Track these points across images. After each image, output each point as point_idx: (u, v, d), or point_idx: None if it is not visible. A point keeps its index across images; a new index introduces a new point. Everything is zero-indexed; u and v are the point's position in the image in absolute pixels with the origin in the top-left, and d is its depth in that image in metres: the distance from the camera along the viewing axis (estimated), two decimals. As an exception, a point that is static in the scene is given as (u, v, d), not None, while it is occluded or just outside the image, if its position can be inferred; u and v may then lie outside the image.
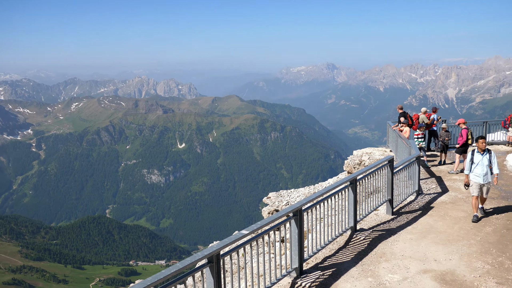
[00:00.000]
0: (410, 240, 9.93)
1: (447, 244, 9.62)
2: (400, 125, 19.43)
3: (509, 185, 14.79)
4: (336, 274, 8.25)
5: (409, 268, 8.51)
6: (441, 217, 11.47)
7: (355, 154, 21.32)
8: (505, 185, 14.73)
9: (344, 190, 9.60)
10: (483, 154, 11.13)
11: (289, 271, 7.93)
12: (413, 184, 13.58)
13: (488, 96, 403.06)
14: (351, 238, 9.96)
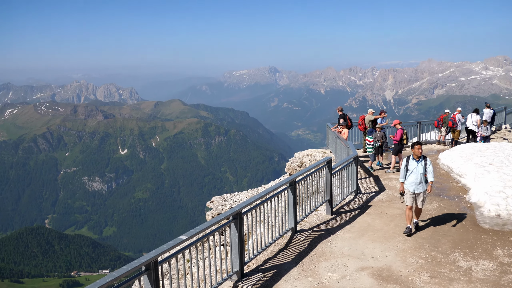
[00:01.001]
0: (349, 238, 10.18)
1: (383, 241, 9.94)
2: (339, 126, 19.85)
3: (441, 182, 15.44)
4: (277, 276, 8.34)
5: (347, 266, 8.73)
6: (378, 215, 11.83)
7: (296, 156, 21.61)
8: (437, 182, 15.35)
9: (283, 192, 9.72)
10: (418, 161, 10.39)
11: (230, 275, 7.94)
12: (351, 184, 13.90)
13: (423, 97, 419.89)
14: (292, 239, 10.10)
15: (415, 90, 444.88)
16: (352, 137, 21.78)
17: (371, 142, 17.74)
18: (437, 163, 18.30)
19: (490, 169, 14.71)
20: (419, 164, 10.40)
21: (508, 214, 11.28)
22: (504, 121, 30.19)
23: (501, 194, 12.38)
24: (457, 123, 22.20)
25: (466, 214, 11.82)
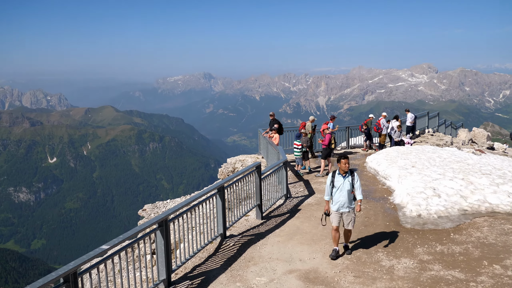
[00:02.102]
0: (278, 242, 10.31)
1: (311, 244, 10.14)
2: (270, 132, 20.09)
3: (368, 184, 15.97)
4: (205, 282, 8.31)
5: (276, 269, 8.83)
6: (307, 219, 12.05)
7: (228, 161, 21.66)
8: (364, 185, 15.85)
9: (212, 197, 9.72)
10: (345, 176, 9.24)
11: (157, 284, 7.82)
12: (282, 188, 14.10)
13: (354, 103, 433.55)
14: (221, 245, 10.09)
15: (347, 96, 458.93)
16: (284, 142, 22.11)
17: (298, 146, 18.08)
18: (364, 166, 18.93)
19: (412, 171, 15.38)
20: (346, 180, 9.22)
21: (428, 213, 11.84)
22: (427, 125, 31.68)
23: (422, 194, 12.97)
24: (381, 128, 23.05)
25: (390, 214, 12.29)
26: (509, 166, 18.17)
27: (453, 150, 21.21)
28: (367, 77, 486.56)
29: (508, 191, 13.24)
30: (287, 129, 22.57)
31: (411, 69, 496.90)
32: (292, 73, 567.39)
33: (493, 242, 9.83)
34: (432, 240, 10.13)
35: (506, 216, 11.62)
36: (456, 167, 16.34)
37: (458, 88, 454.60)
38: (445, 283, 7.97)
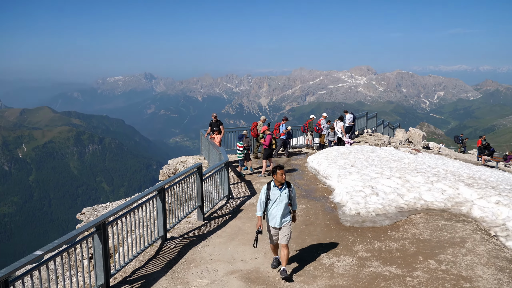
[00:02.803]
0: (220, 243, 10.23)
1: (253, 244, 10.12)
2: (212, 133, 19.98)
3: (309, 184, 16.18)
4: (145, 286, 8.12)
5: (217, 271, 8.75)
6: (248, 219, 12.05)
7: (170, 163, 21.36)
8: (305, 185, 16.08)
9: (152, 199, 9.52)
10: (281, 188, 8.39)
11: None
12: (223, 189, 14.05)
13: (296, 104, 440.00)
14: (162, 247, 9.91)
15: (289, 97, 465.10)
16: (226, 143, 22.09)
17: (240, 147, 18.07)
18: (305, 166, 19.18)
19: (352, 171, 15.72)
20: (282, 192, 8.37)
21: (367, 211, 12.12)
22: (366, 126, 32.52)
23: (361, 193, 13.27)
24: (322, 128, 23.45)
25: (330, 213, 12.48)
26: (443, 164, 18.94)
27: (391, 149, 21.88)
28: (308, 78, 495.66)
29: (442, 189, 13.78)
30: (230, 130, 22.53)
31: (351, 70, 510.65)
32: (234, 74, 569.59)
33: (428, 238, 10.17)
34: (370, 238, 10.37)
35: (440, 213, 12.07)
36: (393, 166, 16.86)
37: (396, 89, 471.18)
38: (382, 279, 8.16)
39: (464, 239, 9.98)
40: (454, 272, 8.35)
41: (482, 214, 11.85)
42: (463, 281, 7.98)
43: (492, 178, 16.47)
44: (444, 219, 11.43)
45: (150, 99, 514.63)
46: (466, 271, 8.38)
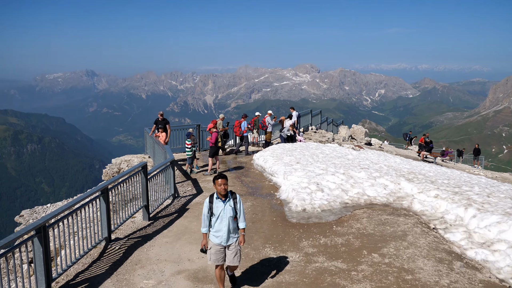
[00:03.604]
0: (166, 243, 10.09)
1: (200, 243, 10.02)
2: (157, 131, 19.69)
3: (255, 181, 16.24)
4: (89, 289, 7.89)
5: (164, 271, 8.62)
6: (195, 218, 11.94)
7: (113, 162, 20.88)
8: (251, 182, 16.12)
9: (95, 200, 9.26)
10: (225, 200, 7.38)
11: (34, 294, 7.27)
12: (169, 188, 13.86)
13: (241, 101, 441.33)
14: (106, 249, 9.65)
15: (234, 95, 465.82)
16: (173, 141, 21.86)
17: (189, 145, 17.89)
18: (252, 163, 19.23)
19: (297, 167, 15.89)
20: (226, 205, 7.37)
21: (312, 208, 12.28)
22: (310, 123, 32.99)
23: (307, 190, 13.44)
24: (267, 126, 23.60)
25: (276, 210, 12.56)
26: (385, 160, 19.49)
27: (335, 146, 22.31)
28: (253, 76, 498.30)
29: (384, 184, 14.17)
30: (176, 128, 22.27)
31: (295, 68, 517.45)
32: (179, 72, 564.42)
33: (372, 232, 10.43)
34: (316, 233, 10.52)
35: (383, 207, 12.40)
36: (338, 162, 17.18)
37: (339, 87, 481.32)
38: (328, 274, 8.29)
39: (405, 232, 10.30)
40: (397, 264, 8.60)
41: (422, 208, 12.27)
42: (405, 273, 8.22)
43: (431, 173, 17.11)
44: (387, 214, 11.75)
45: (92, 96, 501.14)
46: (408, 263, 8.64)
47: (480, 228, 10.17)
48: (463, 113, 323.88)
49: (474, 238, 9.93)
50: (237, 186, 15.53)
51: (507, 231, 9.59)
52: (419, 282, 7.86)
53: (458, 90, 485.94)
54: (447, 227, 10.85)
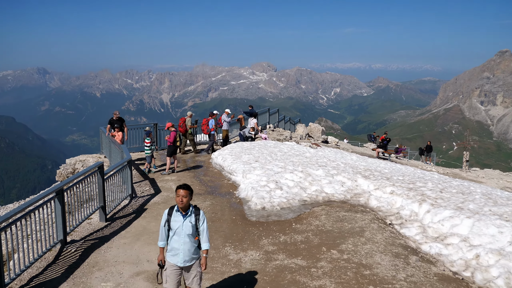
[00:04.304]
0: (124, 244, 9.91)
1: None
2: (113, 130, 19.33)
3: (214, 180, 16.17)
4: (44, 294, 7.66)
5: (122, 273, 8.46)
6: (153, 218, 11.79)
7: (68, 162, 20.36)
8: (210, 181, 16.05)
9: (50, 201, 8.99)
10: (186, 215, 6.38)
11: (-14, 301, 7.00)
12: (127, 188, 13.63)
13: (198, 100, 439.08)
14: (62, 252, 9.39)
15: (191, 93, 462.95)
16: (129, 141, 21.52)
17: (148, 144, 17.65)
18: (210, 162, 19.15)
19: (256, 166, 15.92)
20: (186, 221, 6.37)
21: (271, 206, 12.33)
22: (268, 121, 33.13)
23: (266, 188, 13.49)
24: (222, 124, 23.53)
25: (236, 209, 12.55)
26: (342, 158, 19.78)
27: (292, 144, 22.48)
28: (210, 75, 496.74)
29: (341, 181, 14.39)
30: (132, 127, 21.90)
31: (252, 67, 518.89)
32: (134, 70, 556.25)
33: (330, 229, 10.57)
34: (276, 231, 10.57)
35: (341, 204, 12.59)
36: (296, 161, 17.33)
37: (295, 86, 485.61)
38: (289, 271, 8.35)
39: (363, 228, 10.49)
40: (355, 260, 8.75)
41: (379, 204, 12.54)
42: (364, 268, 8.38)
43: (386, 170, 17.50)
44: (345, 210, 11.93)
45: (44, 95, 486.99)
46: (366, 259, 8.81)
47: (434, 223, 10.48)
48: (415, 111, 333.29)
49: (429, 233, 10.22)
50: (195, 185, 15.43)
51: (459, 225, 9.91)
52: (377, 277, 8.03)
53: (410, 89, 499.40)
54: (403, 222, 11.13)
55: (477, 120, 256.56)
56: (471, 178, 26.06)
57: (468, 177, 27.12)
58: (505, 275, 7.95)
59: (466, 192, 13.52)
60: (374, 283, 7.79)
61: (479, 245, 9.03)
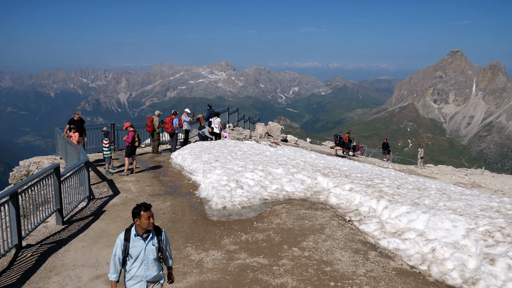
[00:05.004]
0: (82, 247, 9.69)
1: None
2: (69, 131, 18.88)
3: (174, 181, 16.03)
4: (-1, 300, 7.41)
5: (81, 277, 8.28)
6: (112, 220, 11.58)
7: (21, 164, 19.72)
8: (170, 181, 15.90)
9: (3, 205, 8.70)
10: (147, 238, 5.63)
11: None
12: (84, 190, 13.33)
13: (156, 99, 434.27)
14: (17, 257, 9.09)
15: (149, 93, 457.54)
16: (90, 141, 21.09)
17: (106, 144, 17.30)
18: (170, 162, 18.97)
19: (216, 165, 15.88)
20: (149, 244, 5.63)
21: (232, 205, 12.32)
22: (227, 121, 33.07)
23: (226, 187, 13.47)
24: (182, 124, 23.32)
25: (197, 209, 12.48)
26: (301, 156, 19.96)
27: (252, 143, 22.54)
28: (168, 74, 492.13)
29: (301, 179, 14.53)
30: (88, 128, 21.42)
31: (211, 66, 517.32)
32: (90, 69, 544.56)
33: (291, 227, 10.65)
34: (237, 230, 10.57)
35: (301, 202, 12.71)
36: (256, 159, 17.37)
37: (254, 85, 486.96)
38: (251, 270, 8.36)
39: (323, 225, 10.62)
40: (316, 257, 8.85)
41: (338, 201, 12.72)
42: (324, 265, 8.48)
43: (345, 168, 17.76)
44: (305, 208, 12.05)
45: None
46: (326, 255, 8.92)
47: (391, 219, 10.72)
48: (372, 109, 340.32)
49: (387, 228, 10.44)
50: (155, 185, 15.26)
51: (416, 220, 10.18)
52: (337, 273, 8.14)
53: (367, 88, 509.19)
54: (362, 218, 11.33)
55: (431, 118, 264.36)
56: (426, 174, 26.79)
57: (423, 173, 27.87)
58: (460, 267, 8.22)
59: (422, 188, 13.88)
60: (335, 279, 7.91)
61: (434, 239, 9.30)
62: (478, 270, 8.03)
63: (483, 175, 31.51)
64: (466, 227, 9.39)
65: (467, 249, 8.68)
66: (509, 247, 8.26)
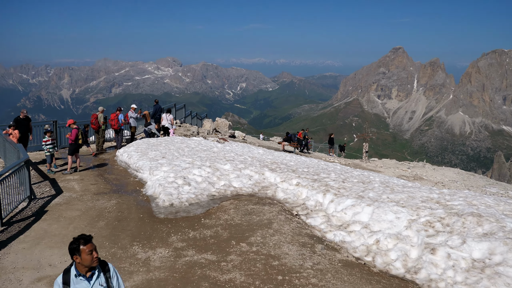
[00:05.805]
0: (23, 249, 9.34)
1: (62, 246, 9.45)
2: (8, 128, 18.13)
3: (119, 178, 15.71)
4: None
5: (22, 280, 7.99)
6: (55, 220, 11.23)
7: (-44, 164, 18.78)
8: (116, 179, 15.57)
9: None
10: (91, 277, 4.60)
11: None
12: (24, 189, 12.84)
13: (101, 96, 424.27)
14: (-48, 261, 8.67)
15: (93, 89, 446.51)
16: (33, 139, 20.34)
17: (47, 142, 16.71)
18: (115, 160, 18.58)
19: (163, 162, 15.68)
20: (95, 285, 4.61)
21: (180, 202, 12.22)
22: (174, 117, 32.73)
23: (174, 184, 13.33)
24: (129, 120, 22.93)
25: (143, 207, 12.29)
26: (249, 152, 20.04)
27: (200, 139, 22.42)
28: (113, 70, 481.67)
29: (249, 175, 14.58)
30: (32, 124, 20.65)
31: (157, 62, 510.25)
32: (30, 64, 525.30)
33: (239, 222, 10.67)
34: (185, 227, 10.49)
35: (249, 198, 12.76)
36: (204, 156, 17.30)
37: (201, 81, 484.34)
38: (199, 267, 8.32)
39: (271, 220, 10.70)
40: (264, 252, 8.90)
41: (285, 196, 12.86)
42: (272, 259, 8.55)
43: (292, 163, 17.97)
44: (253, 203, 12.10)
45: None
46: (274, 250, 9.00)
47: (337, 212, 10.94)
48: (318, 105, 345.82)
49: (333, 222, 10.65)
50: (100, 184, 14.90)
51: (361, 213, 10.44)
52: (285, 266, 8.23)
53: (313, 84, 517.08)
54: (309, 212, 11.50)
55: (375, 113, 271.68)
56: (370, 168, 27.52)
57: (368, 167, 28.62)
58: (402, 257, 8.50)
59: (366, 181, 14.24)
60: (283, 273, 7.98)
61: (379, 231, 9.57)
62: (419, 259, 8.33)
63: (424, 167, 32.66)
64: (408, 218, 9.71)
65: (409, 239, 8.98)
66: (449, 236, 8.62)
